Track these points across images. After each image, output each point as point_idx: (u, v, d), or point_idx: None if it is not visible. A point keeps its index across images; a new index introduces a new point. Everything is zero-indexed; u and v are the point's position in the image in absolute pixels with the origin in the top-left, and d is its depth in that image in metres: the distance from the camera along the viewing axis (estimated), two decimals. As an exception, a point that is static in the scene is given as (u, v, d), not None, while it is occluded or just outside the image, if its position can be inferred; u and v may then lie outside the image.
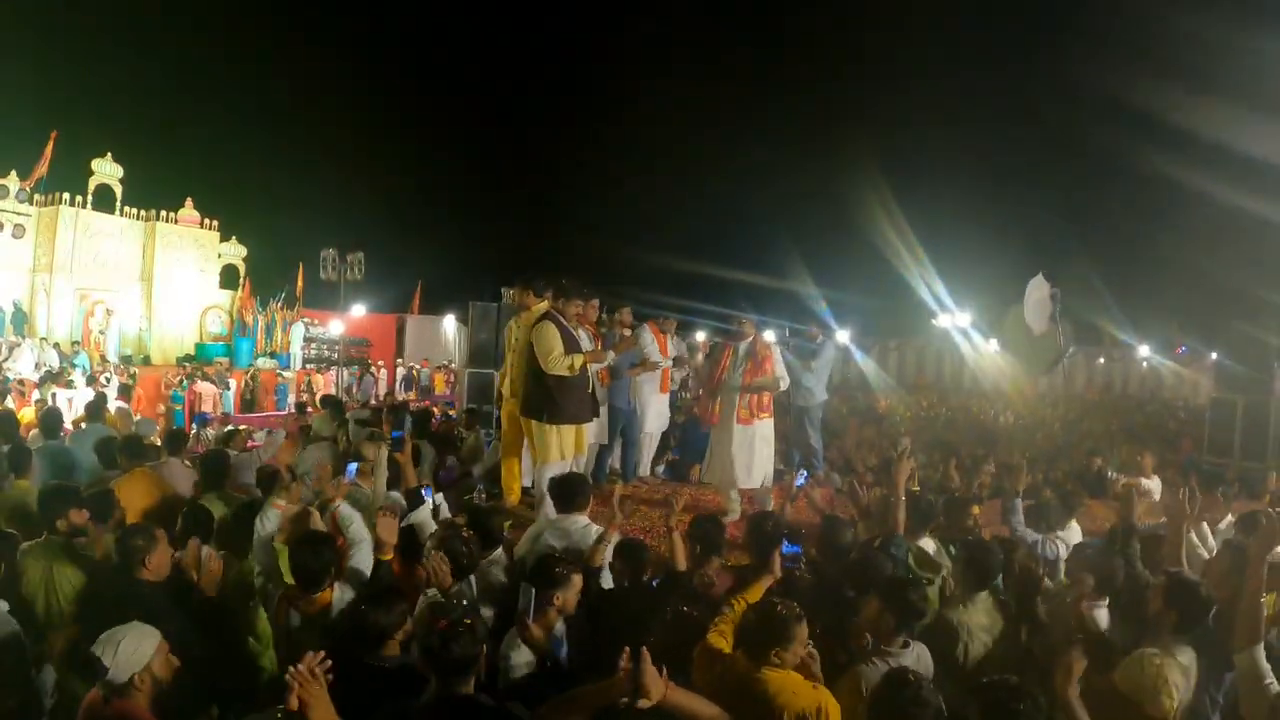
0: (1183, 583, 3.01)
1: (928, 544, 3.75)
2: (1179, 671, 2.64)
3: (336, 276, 16.08)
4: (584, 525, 3.82)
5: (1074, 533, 4.65)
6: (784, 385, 5.56)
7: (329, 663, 2.08)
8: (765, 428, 5.40)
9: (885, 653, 2.79)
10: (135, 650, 2.44)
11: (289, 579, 3.18)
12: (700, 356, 5.60)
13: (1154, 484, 7.19)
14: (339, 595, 3.05)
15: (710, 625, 2.84)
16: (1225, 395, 9.67)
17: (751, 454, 5.29)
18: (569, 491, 3.91)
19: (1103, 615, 3.29)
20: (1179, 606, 2.92)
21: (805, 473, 5.58)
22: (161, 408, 15.50)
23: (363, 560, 3.31)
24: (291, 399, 18.20)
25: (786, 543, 3.53)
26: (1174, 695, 2.53)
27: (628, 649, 2.17)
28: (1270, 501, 5.95)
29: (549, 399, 4.90)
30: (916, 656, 2.84)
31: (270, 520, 3.52)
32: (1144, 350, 30.55)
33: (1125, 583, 3.41)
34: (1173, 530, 3.79)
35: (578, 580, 3.10)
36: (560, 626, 3.02)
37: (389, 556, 3.32)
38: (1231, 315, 9.96)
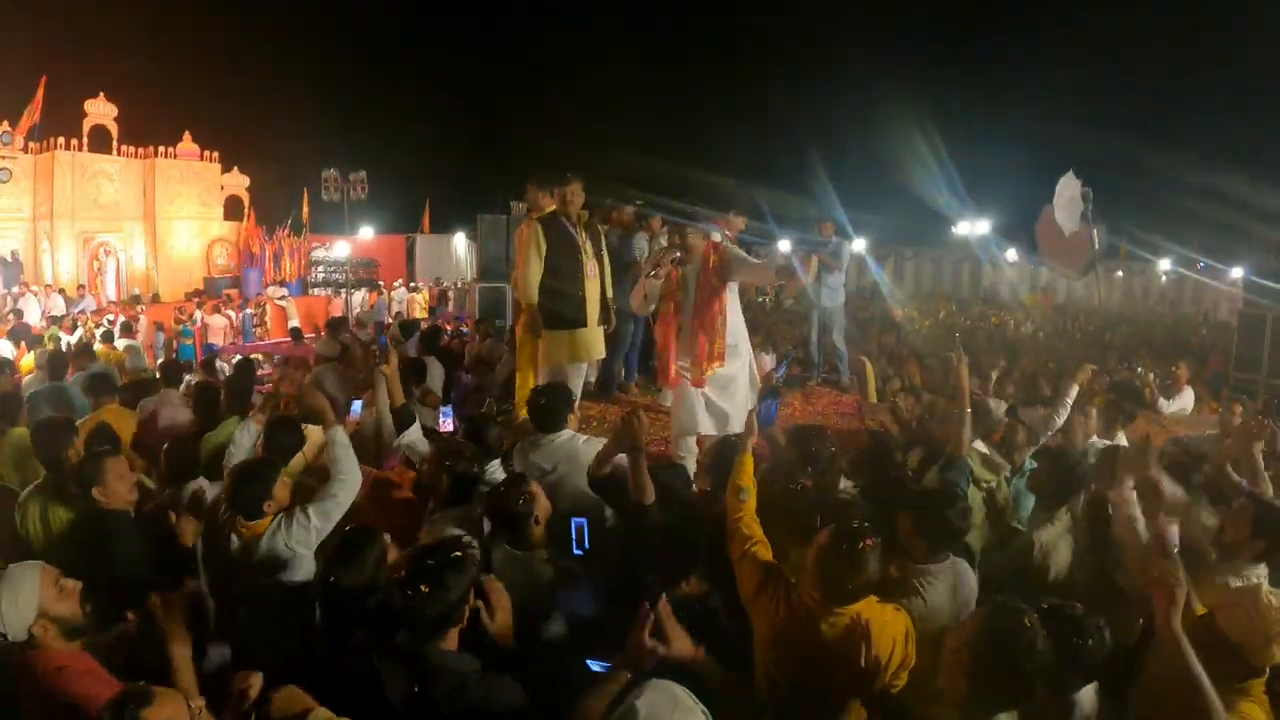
0: (1273, 509, 2.78)
1: (980, 446, 3.50)
2: None
3: (340, 198, 15.72)
4: (569, 438, 3.46)
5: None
6: (760, 264, 4.55)
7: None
8: (729, 370, 4.31)
9: (920, 570, 2.55)
10: (16, 603, 2.08)
11: None
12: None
13: (1187, 397, 6.97)
14: (317, 523, 2.79)
15: (737, 542, 2.52)
16: (1254, 310, 9.27)
17: (726, 399, 4.28)
18: (549, 406, 3.48)
19: (1174, 534, 2.95)
20: (1267, 535, 2.68)
21: (785, 364, 5.27)
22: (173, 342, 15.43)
23: (341, 493, 2.94)
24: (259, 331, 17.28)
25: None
26: None
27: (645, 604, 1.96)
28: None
29: (545, 307, 4.76)
30: (954, 570, 2.58)
31: (248, 434, 3.46)
32: (1165, 264, 29.81)
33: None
34: (1245, 453, 3.51)
35: (537, 489, 2.77)
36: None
37: None
38: (1261, 228, 9.52)
